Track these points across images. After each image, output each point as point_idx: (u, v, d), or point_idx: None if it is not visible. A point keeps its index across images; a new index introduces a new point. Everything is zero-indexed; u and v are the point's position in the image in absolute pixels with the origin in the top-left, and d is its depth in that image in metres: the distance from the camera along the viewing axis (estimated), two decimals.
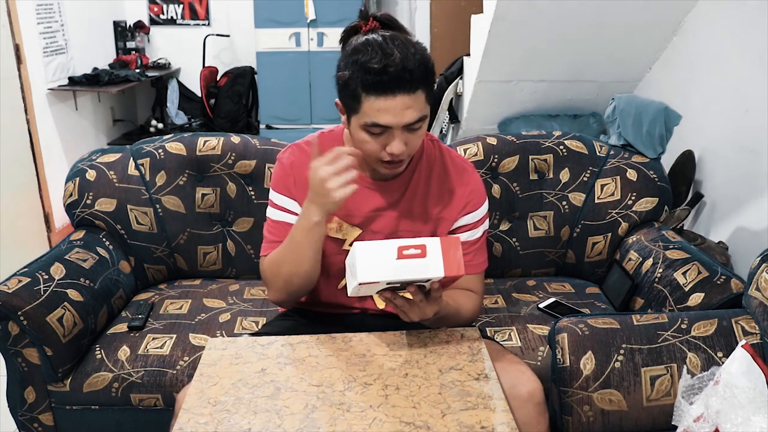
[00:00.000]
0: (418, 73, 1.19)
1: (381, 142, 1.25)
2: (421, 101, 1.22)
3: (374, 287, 1.16)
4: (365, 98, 1.20)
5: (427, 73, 1.23)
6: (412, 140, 1.26)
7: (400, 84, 1.18)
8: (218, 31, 4.55)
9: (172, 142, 2.05)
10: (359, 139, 1.27)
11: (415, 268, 1.12)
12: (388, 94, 1.19)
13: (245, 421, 1.05)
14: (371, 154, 1.28)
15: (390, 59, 1.18)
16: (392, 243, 1.13)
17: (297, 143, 1.45)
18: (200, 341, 1.72)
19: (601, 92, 2.96)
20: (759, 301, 1.37)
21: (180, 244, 2.03)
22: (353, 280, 1.14)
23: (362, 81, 1.19)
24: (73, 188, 1.98)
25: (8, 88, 3.17)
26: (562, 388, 1.37)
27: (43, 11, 3.48)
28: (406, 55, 1.19)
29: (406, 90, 1.19)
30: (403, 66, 1.18)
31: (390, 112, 1.20)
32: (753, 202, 2.14)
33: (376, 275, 1.11)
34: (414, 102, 1.21)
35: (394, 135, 1.23)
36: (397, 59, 1.18)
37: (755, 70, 2.12)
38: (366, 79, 1.19)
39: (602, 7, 2.50)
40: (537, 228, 2.05)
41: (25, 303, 1.58)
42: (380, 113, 1.20)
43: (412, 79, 1.19)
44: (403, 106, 1.20)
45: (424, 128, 1.28)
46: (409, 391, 1.11)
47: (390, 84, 1.18)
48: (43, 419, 1.68)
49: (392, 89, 1.18)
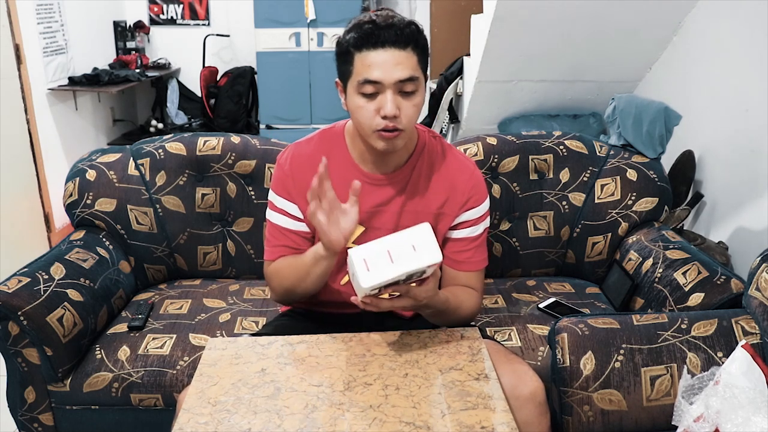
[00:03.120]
0: (408, 32, 1.23)
1: (374, 106, 1.26)
2: (413, 61, 1.25)
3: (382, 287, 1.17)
4: (357, 55, 1.24)
5: (419, 34, 1.26)
6: (405, 107, 1.26)
7: (389, 36, 1.22)
8: (218, 31, 4.55)
9: (172, 142, 2.05)
10: (355, 106, 1.28)
11: (412, 260, 1.13)
12: (378, 46, 1.22)
13: (245, 421, 1.05)
14: (366, 124, 1.28)
15: (380, 17, 1.24)
16: (384, 242, 1.14)
17: (296, 143, 1.46)
18: (200, 341, 1.72)
19: (601, 92, 2.96)
20: (759, 301, 1.37)
21: (180, 244, 2.03)
22: (360, 289, 1.15)
23: (354, 39, 1.24)
24: (73, 188, 1.98)
25: (8, 88, 3.17)
26: (562, 388, 1.37)
27: (43, 11, 3.48)
28: (396, 16, 1.25)
29: (395, 44, 1.22)
30: (393, 22, 1.23)
31: (380, 67, 1.23)
32: (753, 202, 2.14)
33: (378, 278, 1.11)
34: (405, 59, 1.23)
35: (386, 96, 1.24)
36: (387, 16, 1.24)
37: (755, 70, 2.12)
38: (357, 36, 1.24)
39: (602, 8, 2.50)
40: (537, 228, 2.05)
41: (25, 303, 1.58)
42: (371, 68, 1.23)
43: (402, 34, 1.23)
44: (393, 60, 1.22)
45: (418, 99, 1.28)
46: (409, 391, 1.11)
47: (380, 36, 1.22)
48: (43, 419, 1.68)
49: (382, 42, 1.22)
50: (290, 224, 1.40)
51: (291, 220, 1.40)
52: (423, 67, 1.28)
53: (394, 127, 1.26)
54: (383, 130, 1.26)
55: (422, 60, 1.28)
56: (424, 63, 1.29)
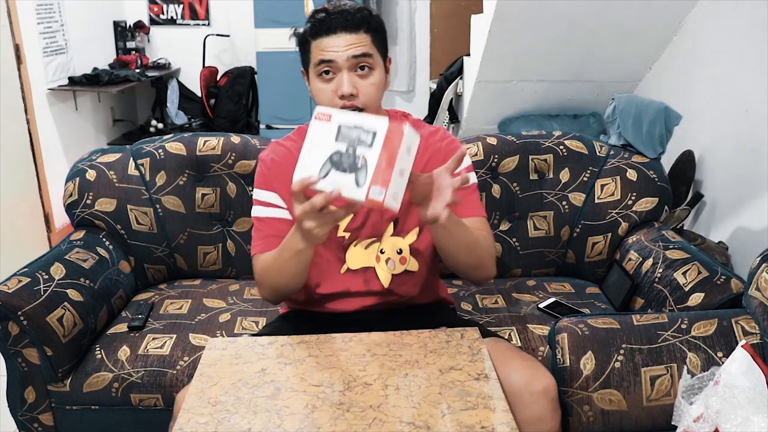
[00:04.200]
0: (359, 16, 1.30)
1: (332, 87, 1.31)
2: (366, 41, 1.30)
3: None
4: (313, 43, 1.32)
5: (371, 17, 1.32)
6: (363, 86, 1.31)
7: (340, 22, 1.29)
8: (218, 31, 4.55)
9: (172, 142, 2.05)
10: (316, 90, 1.33)
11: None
12: (330, 32, 1.29)
13: (245, 421, 1.05)
14: (326, 105, 1.29)
15: (332, 5, 1.32)
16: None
17: (276, 141, 1.49)
18: (200, 341, 1.72)
19: (601, 92, 2.96)
20: (759, 301, 1.37)
21: (180, 244, 2.03)
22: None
23: (309, 29, 1.33)
24: (73, 188, 1.98)
25: (8, 88, 3.17)
26: (562, 388, 1.37)
27: (43, 11, 3.48)
28: (348, 3, 1.32)
29: (346, 29, 1.29)
30: (344, 8, 1.30)
31: (333, 48, 1.29)
32: (753, 202, 2.14)
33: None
34: (357, 40, 1.29)
35: (342, 75, 1.30)
36: (339, 4, 1.32)
37: (755, 70, 2.12)
38: (312, 25, 1.32)
39: (602, 7, 2.50)
40: (537, 228, 2.05)
41: (25, 303, 1.58)
42: (325, 51, 1.30)
43: (353, 18, 1.29)
44: (345, 43, 1.29)
45: (376, 77, 1.33)
46: (409, 391, 1.11)
47: (331, 22, 1.29)
48: (43, 419, 1.68)
49: (333, 28, 1.29)
50: (274, 213, 1.40)
51: (274, 209, 1.40)
52: (379, 47, 1.33)
53: (353, 106, 1.30)
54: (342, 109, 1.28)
55: (377, 40, 1.33)
56: (381, 44, 1.34)
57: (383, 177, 1.05)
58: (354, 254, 1.43)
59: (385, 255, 1.43)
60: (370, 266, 1.43)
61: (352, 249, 1.42)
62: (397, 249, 1.43)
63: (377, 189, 1.05)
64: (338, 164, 1.08)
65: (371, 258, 1.42)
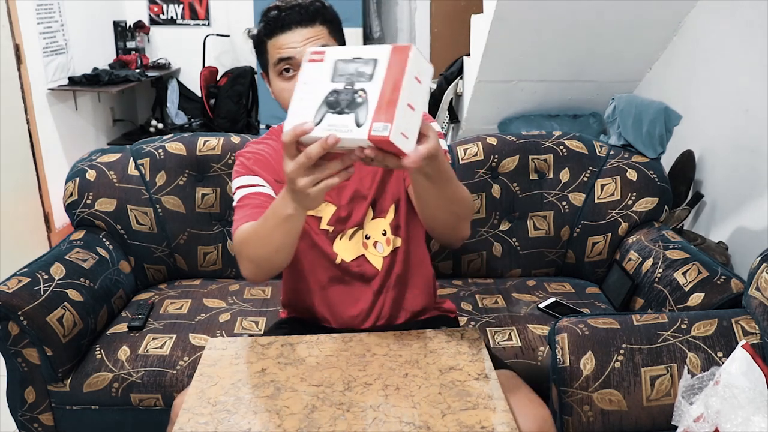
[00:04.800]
0: (312, 9, 1.26)
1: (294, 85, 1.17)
2: (323, 33, 1.26)
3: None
4: (269, 43, 1.27)
5: (325, 9, 1.28)
6: None
7: (293, 17, 1.24)
8: (218, 31, 4.55)
9: (172, 142, 2.05)
10: (278, 90, 1.29)
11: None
12: (285, 29, 1.25)
13: (245, 421, 1.05)
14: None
15: (282, 2, 1.26)
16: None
17: (253, 140, 1.50)
18: (200, 341, 1.72)
19: (601, 92, 2.96)
20: (759, 301, 1.37)
21: (180, 244, 2.03)
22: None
23: (264, 29, 1.27)
24: (73, 188, 1.98)
25: (8, 88, 3.17)
26: (562, 388, 1.37)
27: (43, 11, 3.48)
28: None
29: (301, 23, 1.25)
30: (296, 3, 1.25)
31: (290, 45, 1.25)
32: (753, 202, 2.14)
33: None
34: (315, 33, 1.25)
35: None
36: (291, 1, 1.26)
37: (755, 70, 2.12)
38: (266, 26, 1.27)
39: (602, 7, 2.50)
40: (537, 228, 2.05)
41: (25, 303, 1.58)
42: (282, 49, 1.25)
43: (306, 12, 1.25)
44: (301, 38, 1.25)
45: None
46: (409, 391, 1.11)
47: (285, 19, 1.25)
48: (43, 419, 1.68)
49: (288, 24, 1.25)
50: (257, 189, 1.31)
51: (257, 188, 1.31)
52: (337, 38, 1.30)
53: None
54: None
55: (334, 31, 1.30)
56: (338, 34, 1.31)
57: (387, 110, 0.89)
58: (341, 247, 1.40)
59: (371, 240, 1.40)
60: (360, 254, 1.40)
61: (338, 242, 1.40)
62: (381, 231, 1.40)
63: (380, 125, 0.89)
64: (335, 105, 0.94)
65: (359, 246, 1.40)
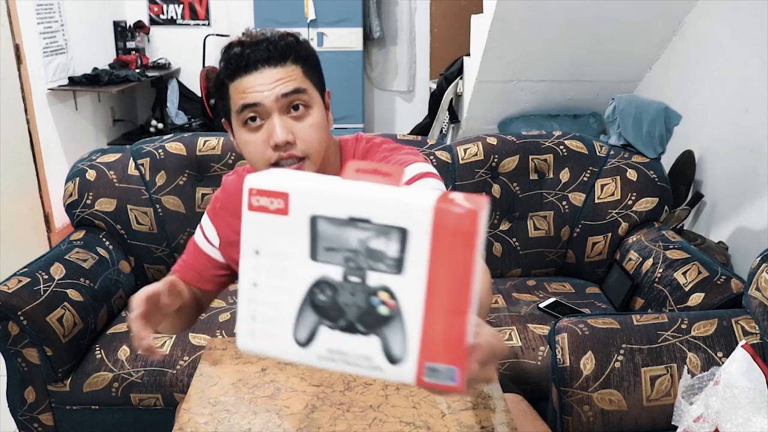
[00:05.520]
0: (283, 44, 1.04)
1: (262, 137, 1.03)
2: (297, 74, 1.04)
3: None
4: (231, 86, 1.04)
5: (298, 45, 1.06)
6: (300, 130, 1.04)
7: (260, 55, 1.02)
8: (218, 31, 4.54)
9: (172, 142, 2.05)
10: (242, 143, 1.07)
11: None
12: (250, 69, 1.02)
13: (245, 421, 1.05)
14: (258, 160, 1.05)
15: (247, 37, 1.05)
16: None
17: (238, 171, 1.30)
18: (200, 341, 1.72)
19: (601, 92, 2.96)
20: (759, 301, 1.37)
21: (180, 244, 2.03)
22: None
23: (224, 69, 1.05)
24: (73, 188, 1.98)
25: (8, 88, 3.17)
26: (562, 388, 1.37)
27: (43, 11, 3.48)
28: (267, 32, 1.05)
29: (269, 62, 1.02)
30: (263, 38, 1.04)
31: (256, 88, 1.02)
32: (753, 202, 2.14)
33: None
34: (286, 74, 1.03)
35: (272, 121, 1.02)
36: (257, 35, 1.05)
37: (755, 70, 2.12)
38: (226, 64, 1.04)
39: (602, 7, 2.50)
40: (537, 228, 2.05)
41: (25, 303, 1.58)
42: (246, 93, 1.03)
43: (276, 48, 1.03)
44: (270, 80, 1.02)
45: (316, 117, 1.06)
46: (409, 391, 1.11)
47: (250, 57, 1.02)
48: (43, 419, 1.68)
49: (254, 62, 1.02)
50: (205, 246, 1.23)
51: (207, 244, 1.23)
52: (314, 80, 1.07)
53: (291, 156, 1.03)
54: (277, 163, 1.04)
55: (310, 71, 1.07)
56: (315, 75, 1.08)
57: (449, 341, 0.50)
58: None
59: None
60: None
61: None
62: None
63: (440, 369, 0.51)
64: (331, 312, 0.56)
65: None
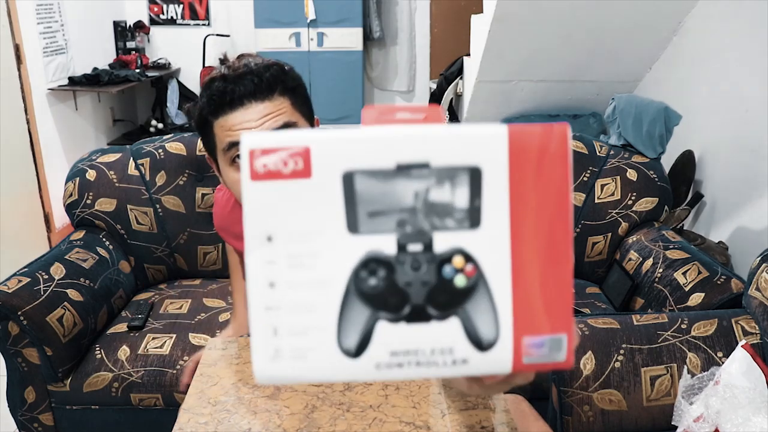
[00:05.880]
0: (268, 76, 0.98)
1: None
2: (285, 107, 0.99)
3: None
4: (216, 123, 0.99)
5: (285, 74, 1.00)
6: None
7: (246, 89, 0.96)
8: (218, 31, 4.55)
9: (172, 142, 2.05)
10: (230, 182, 1.02)
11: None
12: (235, 105, 0.97)
13: (245, 421, 1.05)
14: None
15: (231, 68, 0.99)
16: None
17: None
18: (200, 341, 1.72)
19: (601, 92, 2.96)
20: (759, 301, 1.37)
21: (180, 244, 2.03)
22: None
23: (206, 105, 0.99)
24: (73, 188, 1.98)
25: (8, 88, 3.17)
26: (562, 388, 1.37)
27: (43, 11, 3.48)
28: (253, 62, 1.00)
29: (256, 96, 0.97)
30: (247, 70, 0.97)
31: (243, 125, 0.96)
32: (753, 202, 2.14)
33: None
34: (274, 108, 0.98)
35: None
36: (239, 66, 0.99)
37: (755, 70, 2.12)
38: (210, 103, 0.98)
39: (602, 7, 2.50)
40: None
41: (25, 303, 1.58)
42: (233, 131, 0.97)
43: (261, 81, 0.97)
44: (258, 115, 0.97)
45: None
46: (409, 391, 1.11)
47: (234, 92, 0.96)
48: (43, 419, 1.68)
49: (239, 98, 0.96)
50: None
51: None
52: (303, 110, 1.03)
53: None
54: None
55: (299, 102, 1.02)
56: (305, 106, 1.04)
57: (549, 304, 0.43)
58: None
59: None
60: None
61: None
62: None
63: (541, 342, 0.43)
64: (389, 300, 0.42)
65: None
